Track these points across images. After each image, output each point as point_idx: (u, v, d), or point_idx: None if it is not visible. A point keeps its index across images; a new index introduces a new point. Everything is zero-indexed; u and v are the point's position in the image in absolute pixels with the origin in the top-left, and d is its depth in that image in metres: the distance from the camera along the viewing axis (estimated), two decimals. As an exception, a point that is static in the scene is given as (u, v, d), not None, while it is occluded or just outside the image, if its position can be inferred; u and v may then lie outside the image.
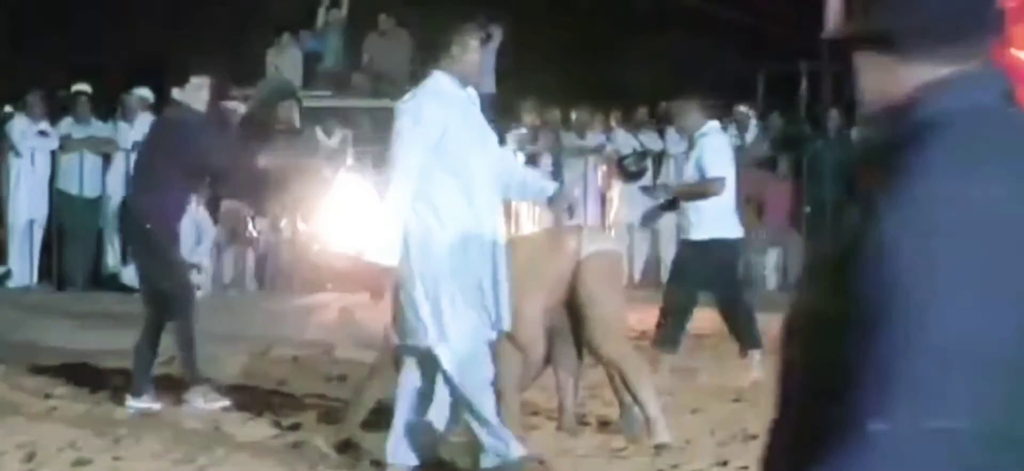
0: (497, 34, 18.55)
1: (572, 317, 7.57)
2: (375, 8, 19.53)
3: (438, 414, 6.78)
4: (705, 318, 12.82)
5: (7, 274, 15.19)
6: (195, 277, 14.80)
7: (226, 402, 8.34)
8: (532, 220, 15.12)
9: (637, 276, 15.56)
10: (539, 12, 21.76)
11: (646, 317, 10.19)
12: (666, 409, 7.57)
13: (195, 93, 8.81)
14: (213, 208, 15.38)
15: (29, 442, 7.35)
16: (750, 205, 16.44)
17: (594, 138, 16.83)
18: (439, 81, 6.71)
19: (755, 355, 9.37)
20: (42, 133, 15.12)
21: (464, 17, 7.16)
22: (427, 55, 6.85)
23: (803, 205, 16.21)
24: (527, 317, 7.25)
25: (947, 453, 1.54)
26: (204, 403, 8.32)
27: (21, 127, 15.14)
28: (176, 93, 8.97)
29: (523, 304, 7.15)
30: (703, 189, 9.41)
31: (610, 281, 7.55)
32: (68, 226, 15.08)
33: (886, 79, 1.69)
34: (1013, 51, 4.76)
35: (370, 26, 19.44)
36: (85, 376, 9.20)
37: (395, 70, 19.10)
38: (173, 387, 8.99)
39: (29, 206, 15.10)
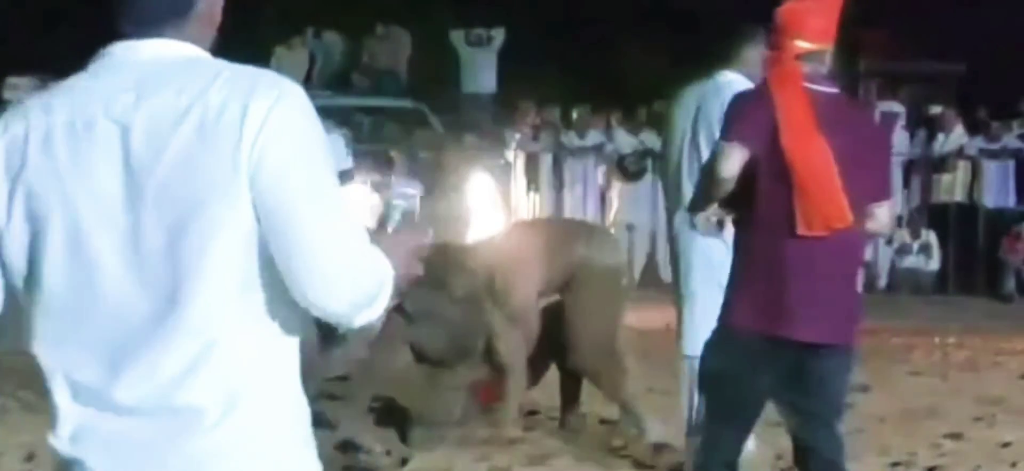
0: (499, 36, 18.59)
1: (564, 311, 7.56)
2: (375, 8, 19.53)
3: None
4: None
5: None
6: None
7: None
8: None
9: (637, 276, 15.55)
10: (539, 12, 21.77)
11: (645, 317, 10.20)
12: (665, 409, 7.56)
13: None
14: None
15: (29, 442, 7.34)
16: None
17: (594, 138, 16.84)
18: (738, 80, 6.61)
19: None
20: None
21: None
22: (712, 56, 6.76)
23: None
24: (517, 293, 7.34)
25: None
26: None
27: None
28: None
29: (515, 280, 7.28)
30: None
31: (607, 294, 7.52)
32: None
33: None
34: (799, 42, 4.84)
35: (370, 26, 19.45)
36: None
37: (396, 69, 19.11)
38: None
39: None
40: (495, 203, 15.86)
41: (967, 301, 14.31)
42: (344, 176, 9.59)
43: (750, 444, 6.80)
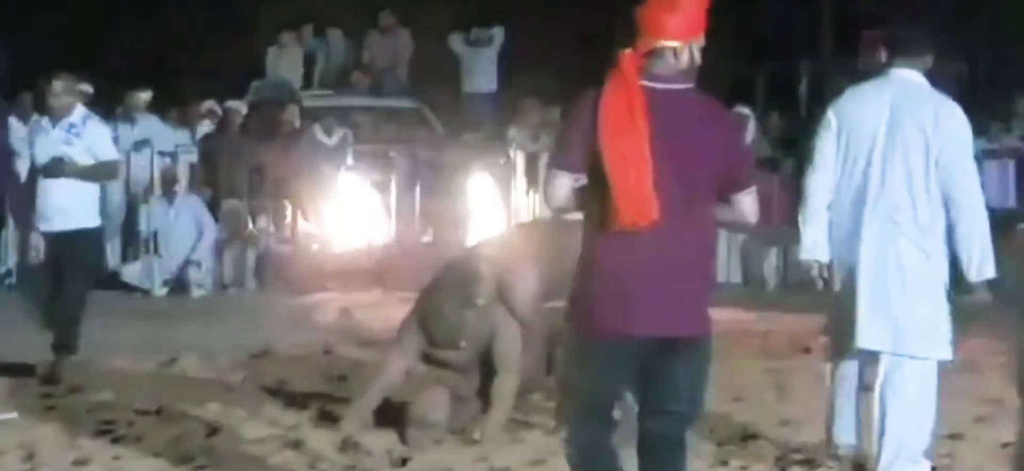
0: (499, 36, 18.58)
1: None
2: (376, 5, 19.53)
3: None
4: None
5: (7, 273, 15.18)
6: (194, 275, 14.82)
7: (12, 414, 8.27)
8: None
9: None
10: (539, 12, 21.75)
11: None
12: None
13: None
14: (213, 207, 15.38)
15: (29, 442, 7.35)
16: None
17: (594, 138, 16.82)
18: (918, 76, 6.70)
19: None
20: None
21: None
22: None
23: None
24: (519, 291, 7.37)
25: None
26: None
27: (16, 129, 15.10)
28: None
29: (517, 278, 7.31)
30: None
31: None
32: (68, 226, 15.06)
33: None
34: (647, 38, 4.94)
35: (371, 23, 19.43)
36: (85, 376, 9.19)
37: (396, 68, 19.10)
38: (174, 387, 8.99)
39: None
40: (495, 203, 15.85)
41: (967, 301, 14.27)
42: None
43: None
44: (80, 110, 9.56)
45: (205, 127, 16.42)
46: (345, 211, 15.90)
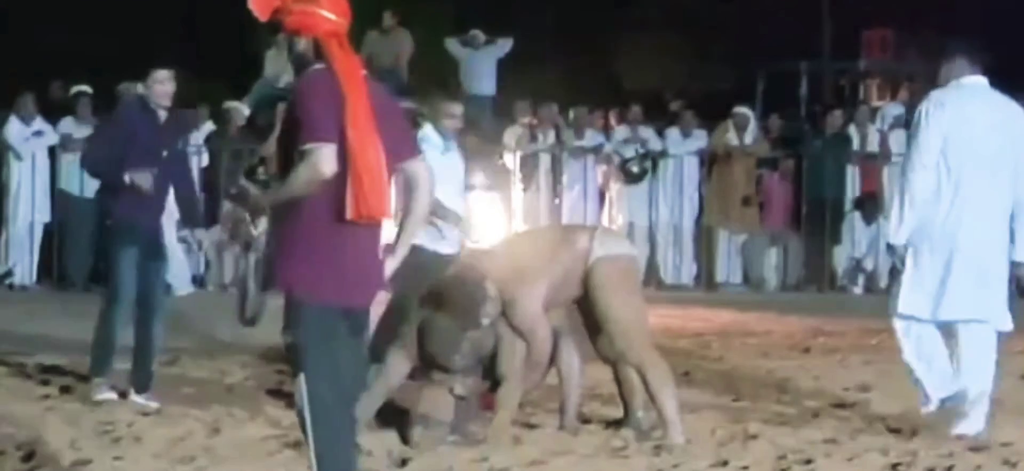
0: (504, 44, 18.56)
1: (586, 319, 7.59)
2: (377, 5, 19.55)
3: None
4: (704, 317, 12.78)
5: (8, 273, 15.20)
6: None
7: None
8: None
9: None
10: (539, 12, 21.76)
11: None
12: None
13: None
14: (213, 208, 15.36)
15: (29, 442, 7.35)
16: (750, 205, 16.45)
17: (593, 138, 16.82)
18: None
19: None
20: (37, 133, 15.11)
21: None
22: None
23: (803, 205, 16.21)
24: (523, 307, 7.35)
25: None
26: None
27: (17, 129, 15.13)
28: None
29: (520, 293, 7.29)
30: None
31: (625, 285, 7.52)
32: (68, 226, 15.08)
33: None
34: (321, 11, 5.05)
35: (371, 23, 19.44)
36: (85, 376, 9.19)
37: (396, 68, 19.10)
38: (174, 386, 8.99)
39: (30, 205, 15.09)
40: (494, 204, 15.85)
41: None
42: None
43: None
44: None
45: (206, 127, 16.42)
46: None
